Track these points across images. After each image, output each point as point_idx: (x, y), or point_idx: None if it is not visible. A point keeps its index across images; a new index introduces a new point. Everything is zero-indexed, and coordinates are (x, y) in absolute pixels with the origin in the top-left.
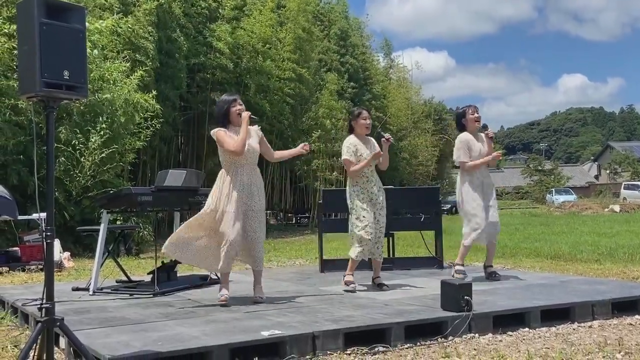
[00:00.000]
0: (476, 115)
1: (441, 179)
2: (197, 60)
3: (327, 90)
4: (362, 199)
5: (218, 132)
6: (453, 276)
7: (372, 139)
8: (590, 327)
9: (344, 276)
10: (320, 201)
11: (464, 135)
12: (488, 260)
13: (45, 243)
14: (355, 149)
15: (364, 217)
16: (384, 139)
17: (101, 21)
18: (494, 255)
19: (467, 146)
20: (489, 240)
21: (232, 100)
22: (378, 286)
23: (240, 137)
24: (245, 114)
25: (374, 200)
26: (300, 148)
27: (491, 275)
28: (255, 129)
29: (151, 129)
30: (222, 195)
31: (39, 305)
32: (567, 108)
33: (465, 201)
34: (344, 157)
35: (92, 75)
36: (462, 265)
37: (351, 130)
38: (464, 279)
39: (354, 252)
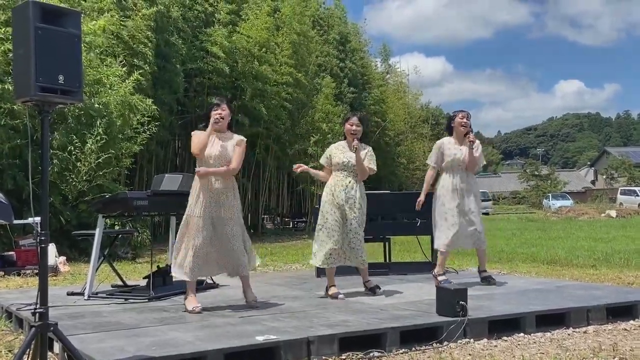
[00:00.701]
0: (464, 120)
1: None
2: (194, 65)
3: (323, 94)
4: (326, 204)
5: (193, 133)
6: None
7: (365, 147)
8: (585, 332)
9: (327, 289)
10: (317, 205)
11: (440, 140)
12: (481, 265)
13: (39, 247)
14: (329, 154)
15: (320, 223)
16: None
17: (94, 22)
18: (486, 259)
19: (439, 150)
20: (474, 246)
21: (215, 105)
22: (370, 290)
23: (200, 140)
24: (212, 119)
25: (342, 207)
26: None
27: (485, 280)
28: (236, 138)
29: (148, 132)
30: (191, 199)
31: (32, 310)
32: (564, 113)
33: (434, 206)
34: (320, 160)
35: (88, 78)
36: (441, 273)
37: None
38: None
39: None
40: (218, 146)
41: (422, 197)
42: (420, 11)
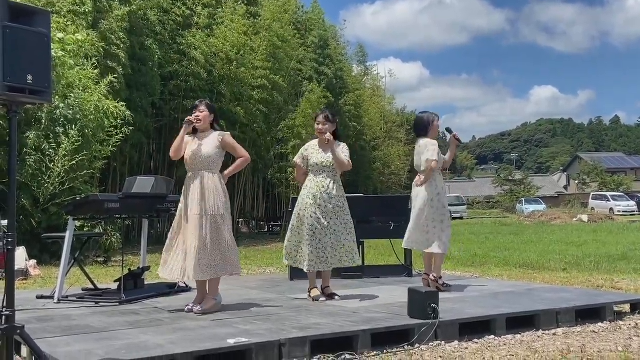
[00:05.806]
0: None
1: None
2: (170, 68)
3: (306, 100)
4: (308, 208)
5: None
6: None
7: (339, 144)
8: (554, 334)
9: (309, 291)
10: (291, 209)
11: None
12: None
13: (6, 250)
14: (305, 155)
15: (296, 226)
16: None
17: (77, 35)
18: (432, 266)
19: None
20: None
21: (194, 107)
22: (329, 297)
23: (174, 144)
24: (188, 119)
25: (326, 209)
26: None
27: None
28: (216, 135)
29: (120, 135)
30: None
31: None
32: (538, 119)
33: (430, 207)
34: (294, 159)
35: (61, 82)
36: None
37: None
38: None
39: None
40: (195, 146)
41: None
42: (397, 17)
